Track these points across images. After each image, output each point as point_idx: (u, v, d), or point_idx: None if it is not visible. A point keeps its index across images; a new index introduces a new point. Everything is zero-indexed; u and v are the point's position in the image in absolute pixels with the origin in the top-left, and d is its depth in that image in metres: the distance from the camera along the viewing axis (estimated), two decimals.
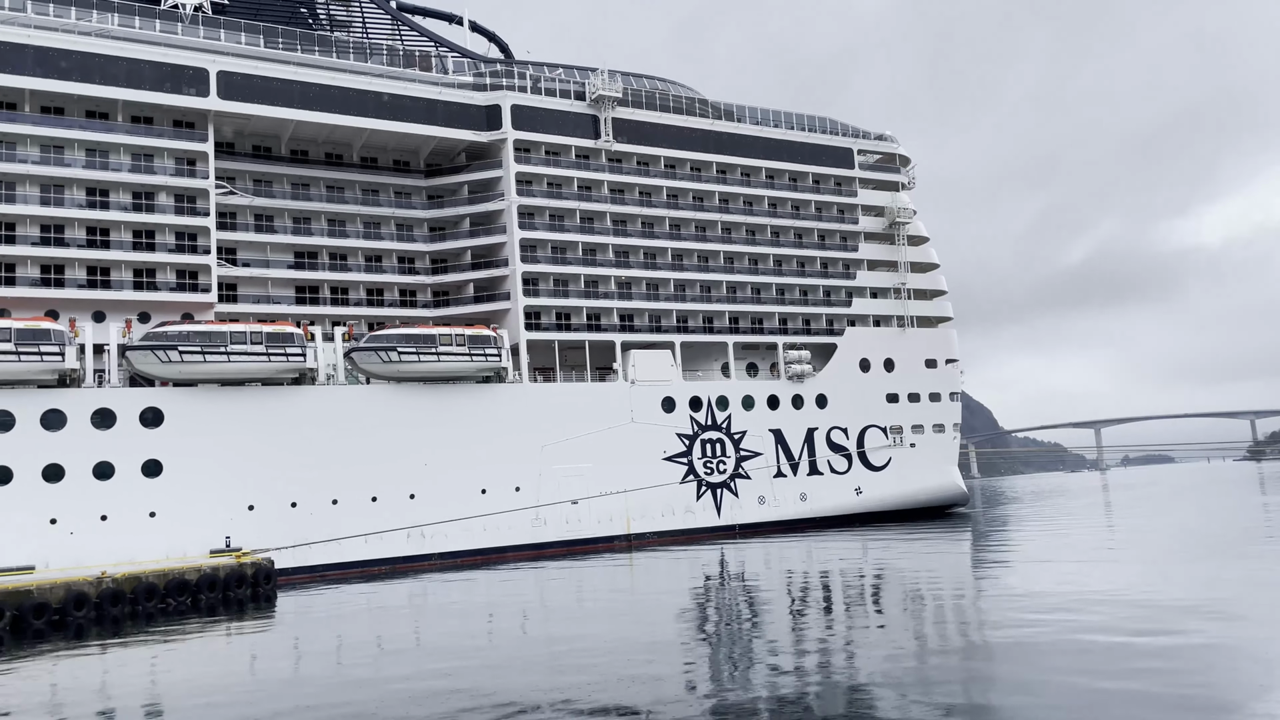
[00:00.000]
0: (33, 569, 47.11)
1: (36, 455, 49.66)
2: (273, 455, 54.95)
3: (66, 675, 28.84)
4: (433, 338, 60.25)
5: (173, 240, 59.25)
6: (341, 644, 32.44)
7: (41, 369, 50.14)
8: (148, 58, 58.55)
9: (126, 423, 52.09)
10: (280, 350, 55.79)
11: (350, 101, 64.18)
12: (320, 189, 66.49)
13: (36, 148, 56.14)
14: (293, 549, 53.59)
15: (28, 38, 55.50)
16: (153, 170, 58.88)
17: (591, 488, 64.57)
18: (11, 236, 54.90)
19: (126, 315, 57.02)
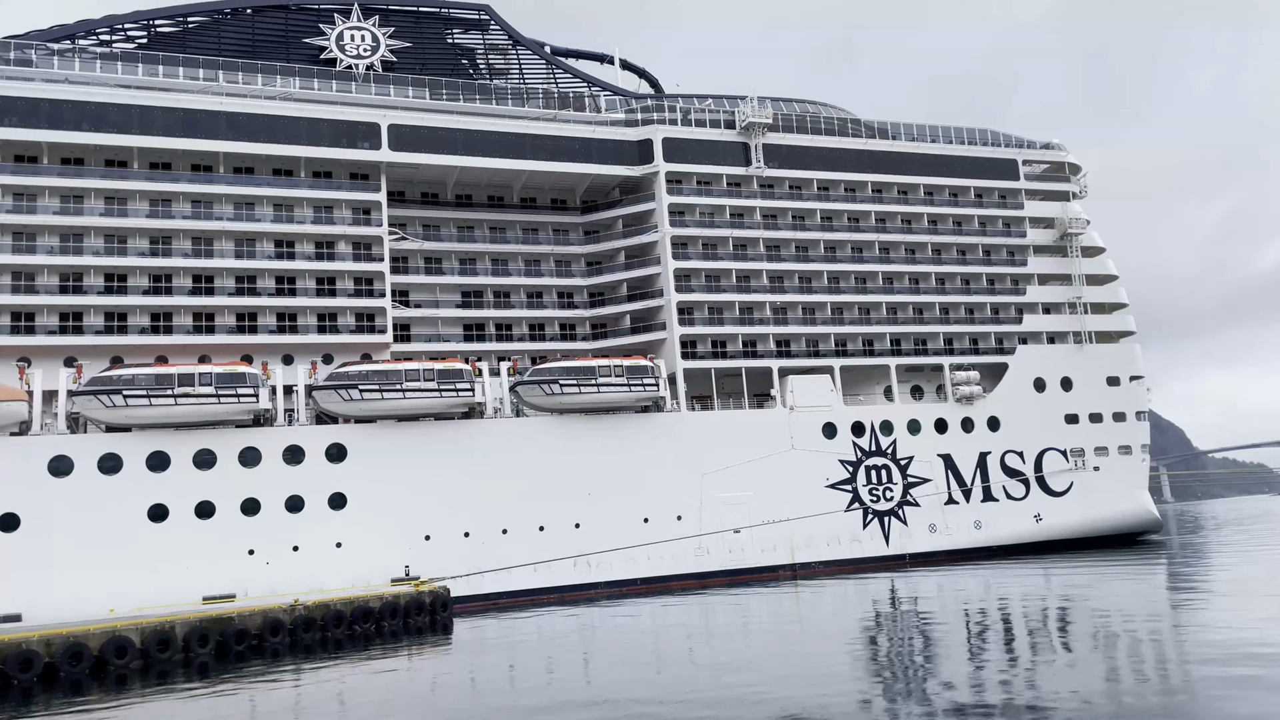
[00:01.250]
0: (234, 597, 50.74)
1: (235, 490, 53.54)
2: (446, 487, 57.21)
3: (265, 698, 30.75)
4: (592, 369, 61.45)
5: (351, 285, 63.03)
6: (515, 670, 33.23)
7: (239, 410, 54.18)
8: (326, 116, 62.84)
9: (314, 458, 55.50)
10: (451, 386, 58.21)
11: (509, 145, 66.75)
12: (484, 230, 69.27)
13: (230, 205, 61.04)
14: (466, 577, 55.46)
15: (220, 105, 60.60)
16: (332, 221, 62.95)
17: (753, 516, 63.93)
18: (210, 289, 59.78)
19: (312, 357, 60.89)
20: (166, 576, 50.18)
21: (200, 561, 51.29)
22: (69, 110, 57.03)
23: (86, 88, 58.26)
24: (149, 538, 51.28)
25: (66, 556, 49.11)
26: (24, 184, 56.49)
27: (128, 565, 49.85)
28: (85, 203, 57.91)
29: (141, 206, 58.90)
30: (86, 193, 57.94)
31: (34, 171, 57.02)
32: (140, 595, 48.72)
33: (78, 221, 57.05)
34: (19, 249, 55.88)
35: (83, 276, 57.18)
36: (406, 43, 70.46)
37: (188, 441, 53.22)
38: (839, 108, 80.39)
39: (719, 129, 72.79)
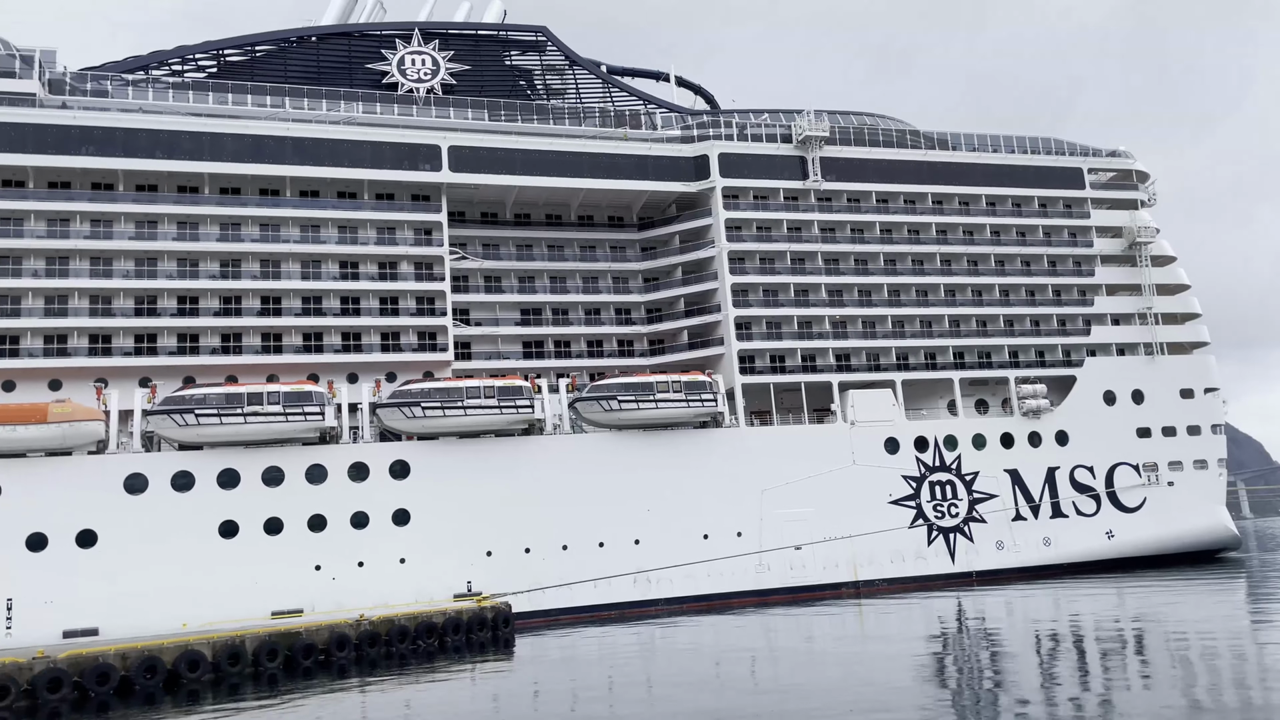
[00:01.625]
0: (301, 612, 51.65)
1: (302, 506, 54.58)
2: (507, 503, 57.60)
3: (332, 712, 31.20)
4: (650, 385, 61.49)
5: (414, 305, 64.03)
6: (576, 686, 33.27)
7: (305, 428, 55.30)
8: (388, 139, 64.12)
9: (378, 475, 56.36)
10: (511, 403, 58.72)
11: (567, 164, 67.38)
12: (542, 248, 69.94)
13: (296, 228, 62.52)
14: (528, 593, 55.72)
15: (287, 130, 62.21)
16: (395, 242, 64.10)
17: (814, 533, 63.22)
18: (278, 309, 61.22)
19: (376, 376, 61.96)
20: (236, 591, 51.28)
21: (269, 577, 52.31)
22: (143, 138, 59.04)
23: (159, 116, 60.24)
24: (220, 553, 52.47)
25: (141, 571, 50.47)
26: (101, 210, 58.55)
27: (199, 580, 51.05)
28: (159, 228, 59.81)
29: (212, 231, 60.65)
30: (160, 218, 59.83)
31: (110, 198, 59.09)
32: (211, 610, 49.83)
33: (152, 246, 58.91)
34: (96, 273, 57.88)
35: (157, 299, 58.98)
36: (465, 65, 71.64)
37: (257, 459, 54.45)
38: (896, 119, 79.64)
39: (775, 143, 72.58)
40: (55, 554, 50.04)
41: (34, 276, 56.67)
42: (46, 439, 50.99)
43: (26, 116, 57.11)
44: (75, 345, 56.88)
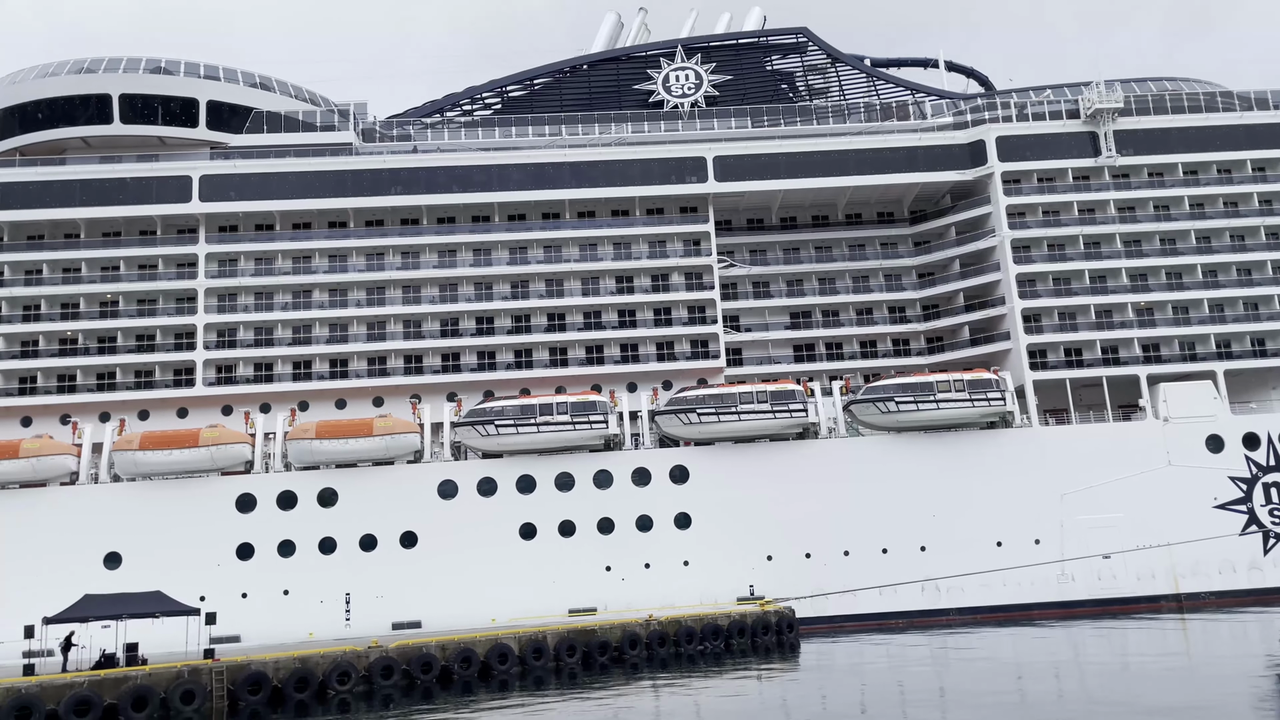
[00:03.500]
0: (595, 610, 54.30)
1: (592, 510, 57.44)
2: (785, 507, 57.44)
3: (628, 708, 32.49)
4: (930, 385, 59.03)
5: (685, 314, 65.62)
6: (865, 694, 32.50)
7: (592, 435, 58.24)
8: (656, 156, 66.26)
9: (659, 480, 58.19)
10: (784, 407, 58.58)
11: (832, 163, 66.35)
12: (809, 250, 69.27)
13: (576, 248, 66.07)
14: (810, 599, 55.20)
15: (564, 156, 65.97)
16: (665, 254, 66.08)
17: (1124, 540, 57.70)
18: (562, 325, 64.97)
19: (653, 384, 64.09)
20: (535, 589, 54.84)
21: (564, 576, 55.50)
22: (442, 175, 64.88)
23: (454, 154, 65.97)
24: (520, 553, 56.37)
25: (454, 570, 55.28)
26: (410, 243, 64.99)
27: (503, 578, 55.10)
28: (457, 255, 65.43)
29: (502, 255, 65.47)
30: (458, 246, 65.44)
31: (417, 232, 65.41)
32: (514, 606, 53.64)
33: (452, 273, 64.55)
34: (408, 300, 64.23)
35: (458, 321, 64.50)
36: (727, 76, 72.55)
37: (550, 465, 57.99)
38: (1204, 81, 71.49)
39: (1060, 120, 67.43)
40: (383, 553, 55.96)
41: (357, 306, 63.82)
42: (372, 450, 57.25)
43: (346, 164, 64.54)
44: (392, 366, 63.37)
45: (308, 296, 63.90)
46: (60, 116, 63.55)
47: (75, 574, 51.31)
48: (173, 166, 62.90)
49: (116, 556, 54.29)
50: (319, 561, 55.42)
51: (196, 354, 61.52)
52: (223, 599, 50.74)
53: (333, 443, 56.57)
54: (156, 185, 62.49)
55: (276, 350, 62.48)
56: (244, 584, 54.24)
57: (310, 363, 63.06)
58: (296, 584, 54.84)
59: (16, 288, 61.84)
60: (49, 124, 63.70)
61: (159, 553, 53.78)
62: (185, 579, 50.29)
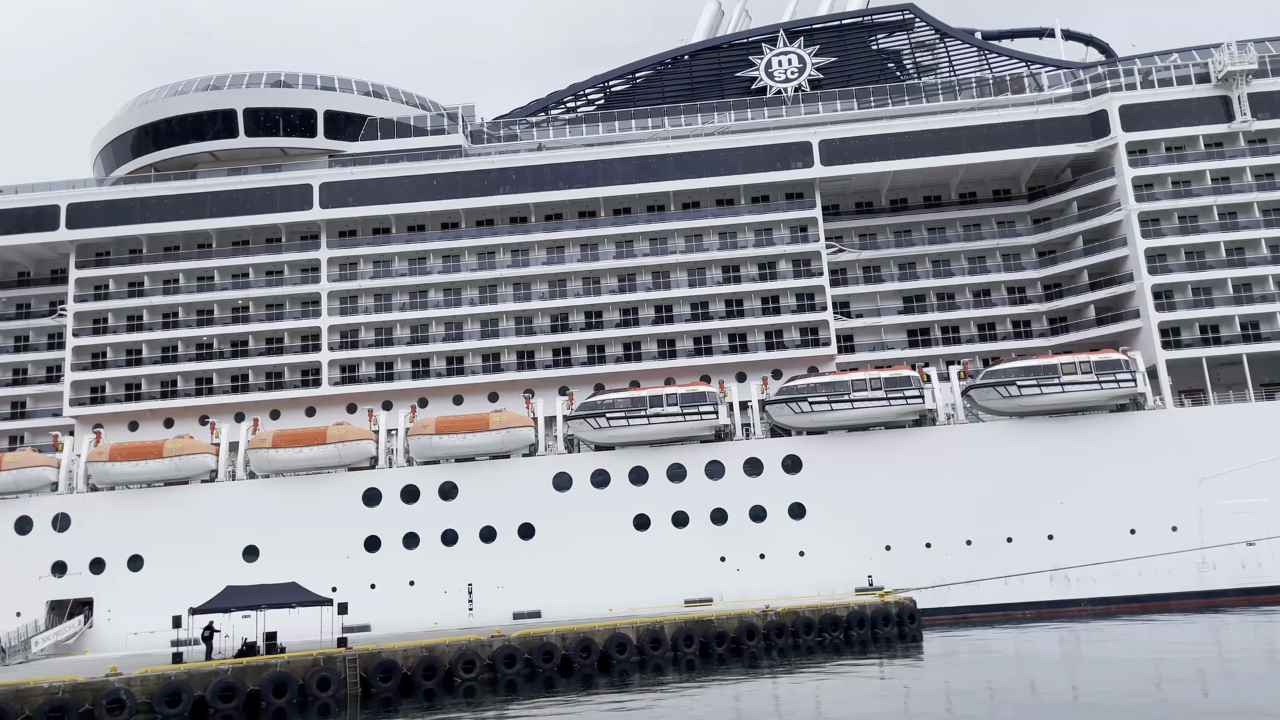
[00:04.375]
0: (710, 601, 54.34)
1: (705, 501, 57.46)
2: (903, 496, 56.25)
3: (748, 697, 32.41)
4: (1054, 367, 56.83)
5: (794, 302, 64.87)
6: (993, 688, 31.58)
7: (702, 426, 58.22)
8: (760, 143, 65.58)
9: (772, 470, 57.76)
10: (899, 394, 57.34)
11: (943, 142, 64.45)
12: (921, 232, 67.51)
13: (682, 239, 66.05)
14: (931, 589, 53.92)
15: (668, 148, 65.94)
16: (772, 242, 65.42)
17: (1272, 526, 54.40)
18: (669, 317, 65.07)
19: (763, 374, 63.62)
20: (650, 580, 55.22)
21: (679, 566, 55.71)
22: (548, 173, 65.76)
23: (559, 151, 66.76)
24: (635, 544, 56.84)
25: (570, 560, 56.16)
26: (519, 241, 66.14)
27: (619, 569, 55.68)
28: (565, 251, 66.23)
29: (609, 249, 65.94)
30: (565, 243, 66.24)
31: (525, 230, 66.51)
32: (630, 596, 54.14)
33: (561, 269, 65.41)
34: (519, 297, 65.40)
35: (568, 316, 65.31)
36: (831, 58, 71.29)
37: (662, 457, 58.26)
38: None
39: (1188, 85, 63.84)
40: (502, 544, 57.28)
41: (470, 304, 65.34)
42: (489, 445, 58.61)
43: (456, 166, 66.07)
44: (506, 362, 64.71)
45: (423, 296, 65.78)
46: (190, 132, 67.05)
47: (217, 566, 54.26)
48: (294, 176, 65.60)
49: (254, 550, 57.12)
50: (442, 553, 57.12)
51: (322, 355, 64.10)
52: (353, 589, 52.85)
53: (451, 438, 58.15)
54: (280, 194, 65.29)
55: (396, 350, 64.57)
56: (372, 575, 56.34)
57: (428, 361, 64.93)
58: (421, 575, 56.67)
59: (156, 296, 65.57)
60: (180, 140, 67.29)
61: (293, 545, 56.34)
62: (318, 570, 52.55)
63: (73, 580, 57.26)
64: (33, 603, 56.57)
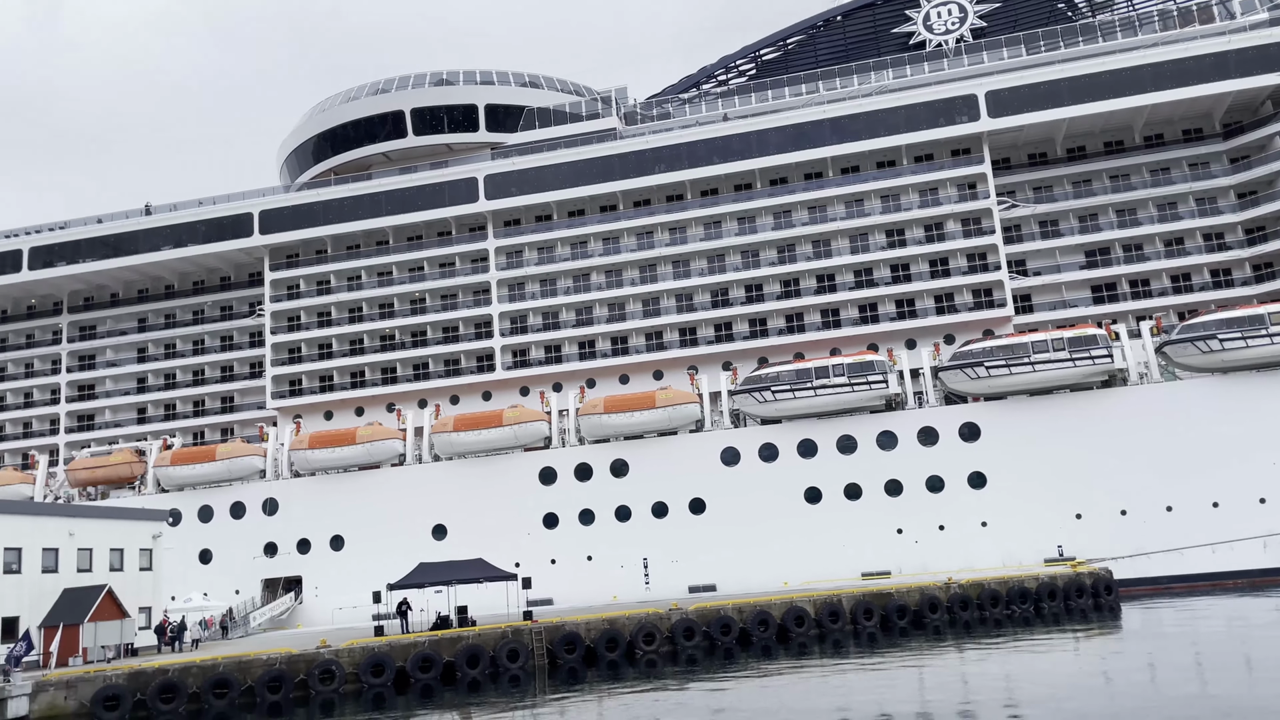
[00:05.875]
0: (889, 574, 53.25)
1: (877, 472, 56.24)
2: (1093, 462, 53.26)
3: (932, 671, 31.62)
4: (1261, 318, 52.25)
5: (964, 263, 62.24)
6: (1201, 663, 29.52)
7: (871, 396, 56.92)
8: (921, 100, 63.02)
9: (947, 438, 55.85)
10: (1084, 354, 54.21)
11: (1123, 82, 60.05)
12: (1103, 181, 63.28)
13: (841, 205, 64.49)
14: (1129, 559, 50.90)
15: (823, 113, 64.37)
16: (938, 202, 62.92)
17: None
18: (832, 285, 63.77)
19: (933, 339, 61.51)
20: (824, 553, 54.66)
21: (853, 539, 54.86)
22: (701, 148, 65.53)
23: (712, 126, 66.39)
24: (807, 517, 56.34)
25: (742, 534, 56.27)
26: (677, 219, 66.30)
27: (791, 542, 55.38)
28: (721, 226, 65.95)
29: (766, 221, 65.20)
30: (722, 217, 65.96)
31: (682, 207, 66.61)
32: (804, 570, 53.82)
33: (719, 244, 65.18)
34: (679, 275, 65.69)
35: (728, 291, 65.10)
36: (995, 3, 67.71)
37: (830, 428, 57.38)
38: None
39: None
40: (674, 519, 58.00)
41: (631, 285, 66.11)
42: (657, 422, 59.37)
43: (611, 149, 66.82)
44: (669, 339, 65.23)
45: (586, 279, 67.13)
46: (363, 136, 70.79)
47: (409, 544, 57.50)
48: (460, 170, 68.14)
49: (442, 528, 60.15)
50: (616, 528, 58.43)
51: (494, 341, 66.56)
52: (534, 564, 54.92)
53: (620, 416, 59.25)
54: (448, 189, 68.00)
55: (563, 333, 66.24)
56: (552, 550, 58.29)
57: (593, 342, 66.30)
58: (598, 550, 58.17)
59: (342, 293, 69.74)
60: (355, 144, 71.17)
61: (477, 523, 58.99)
62: (501, 547, 54.87)
63: (283, 560, 62.05)
64: (249, 581, 61.69)
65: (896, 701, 26.14)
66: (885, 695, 27.30)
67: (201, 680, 34.28)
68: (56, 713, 32.89)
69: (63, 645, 39.79)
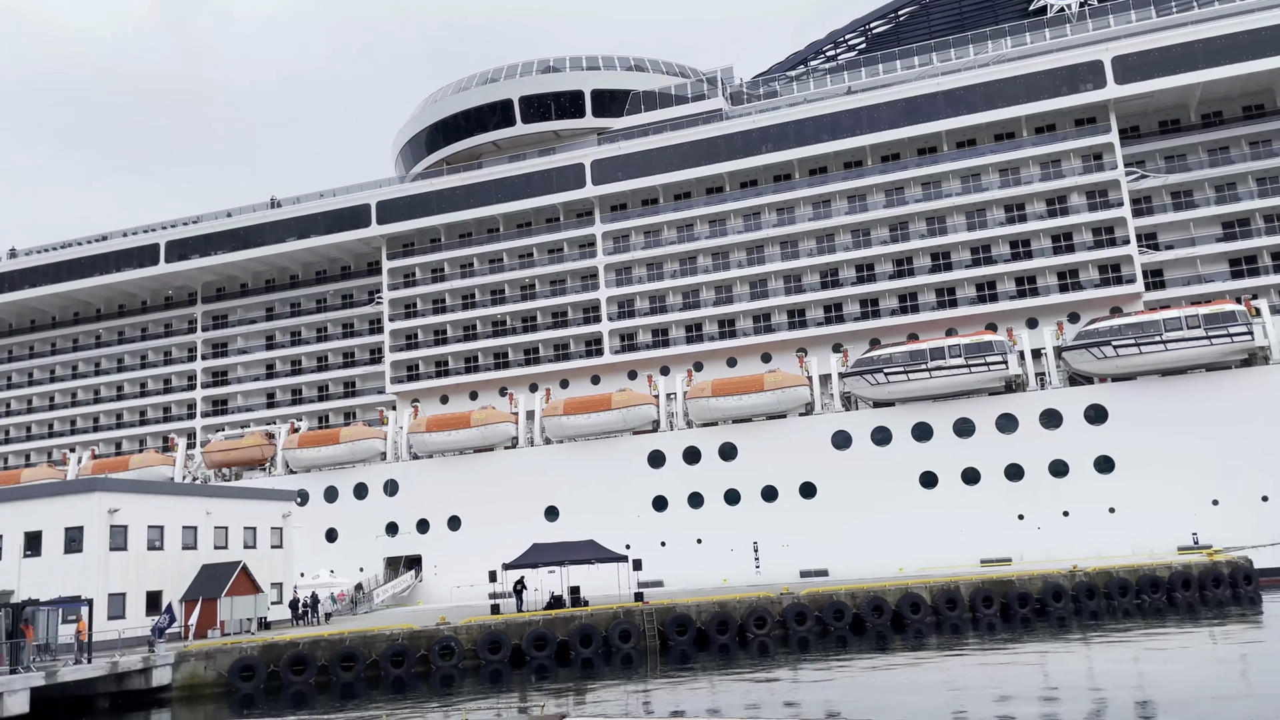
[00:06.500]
0: (1009, 560, 51.59)
1: (997, 456, 54.48)
2: (1232, 445, 50.37)
3: (1056, 661, 30.47)
4: None
5: (1089, 238, 59.50)
6: None
7: (989, 378, 55.10)
8: (1041, 68, 60.32)
9: (1072, 421, 53.65)
10: (1221, 331, 51.22)
11: (1263, 42, 56.16)
12: (1242, 148, 59.45)
13: (957, 181, 62.43)
14: (1270, 547, 47.99)
15: (937, 85, 62.27)
16: (1061, 174, 60.24)
17: None
18: (948, 264, 61.86)
19: (1056, 318, 59.08)
20: (940, 539, 53.32)
21: (971, 525, 53.34)
22: (810, 126, 64.33)
23: (821, 103, 65.07)
24: (921, 502, 55.04)
25: (854, 519, 55.39)
26: (784, 199, 65.36)
27: (905, 528, 54.21)
28: (832, 205, 64.72)
29: (878, 199, 63.65)
30: (832, 196, 64.69)
31: (790, 187, 65.57)
32: (919, 556, 52.63)
33: (828, 223, 63.98)
34: (786, 255, 64.79)
35: (838, 272, 63.90)
36: None
37: (946, 411, 55.84)
38: None
39: None
40: (784, 503, 57.50)
41: (738, 266, 65.54)
42: (765, 405, 58.88)
43: (717, 130, 66.25)
44: (777, 321, 64.48)
45: (693, 263, 66.90)
46: (474, 125, 72.14)
47: (522, 525, 58.71)
48: (567, 156, 68.73)
49: (554, 510, 61.15)
50: (725, 511, 58.30)
51: (602, 325, 67.07)
52: (644, 546, 55.32)
53: (728, 400, 59.00)
54: (556, 175, 68.70)
55: (670, 316, 66.23)
56: (661, 533, 58.59)
57: (700, 325, 66.11)
58: (707, 533, 58.18)
59: (455, 280, 71.38)
60: (466, 133, 72.62)
61: (588, 505, 59.76)
62: (611, 528, 55.47)
63: (403, 539, 64.18)
64: (372, 559, 64.05)
65: (1018, 693, 25.30)
66: (1006, 687, 26.47)
67: (329, 653, 35.78)
68: (196, 681, 34.87)
69: (201, 618, 42.15)
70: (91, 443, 78.79)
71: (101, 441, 79.00)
